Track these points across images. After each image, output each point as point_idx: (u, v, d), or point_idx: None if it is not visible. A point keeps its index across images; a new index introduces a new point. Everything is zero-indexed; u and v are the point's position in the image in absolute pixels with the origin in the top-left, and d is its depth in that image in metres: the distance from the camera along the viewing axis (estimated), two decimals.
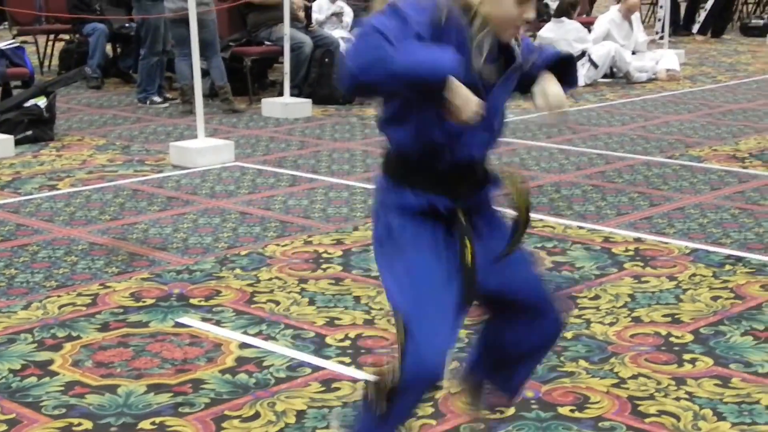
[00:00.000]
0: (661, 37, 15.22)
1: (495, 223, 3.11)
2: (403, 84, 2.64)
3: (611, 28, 13.82)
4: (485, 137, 2.96)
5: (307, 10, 12.86)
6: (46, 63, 14.79)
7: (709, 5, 17.58)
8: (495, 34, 2.85)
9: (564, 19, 14.04)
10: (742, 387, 4.72)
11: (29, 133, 10.05)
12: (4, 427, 4.41)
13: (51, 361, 5.06)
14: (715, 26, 18.07)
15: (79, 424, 4.41)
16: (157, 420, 4.44)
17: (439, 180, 2.90)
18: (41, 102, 10.32)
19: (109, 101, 12.51)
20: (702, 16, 17.63)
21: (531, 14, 2.87)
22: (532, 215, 3.11)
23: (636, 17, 14.19)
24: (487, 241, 3.02)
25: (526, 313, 3.16)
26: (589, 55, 13.62)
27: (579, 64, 13.53)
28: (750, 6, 18.77)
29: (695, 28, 17.66)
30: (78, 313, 5.67)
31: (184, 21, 10.74)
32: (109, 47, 13.72)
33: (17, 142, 9.78)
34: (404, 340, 2.91)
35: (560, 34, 13.73)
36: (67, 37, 14.43)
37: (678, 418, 4.41)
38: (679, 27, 17.08)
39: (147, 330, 5.43)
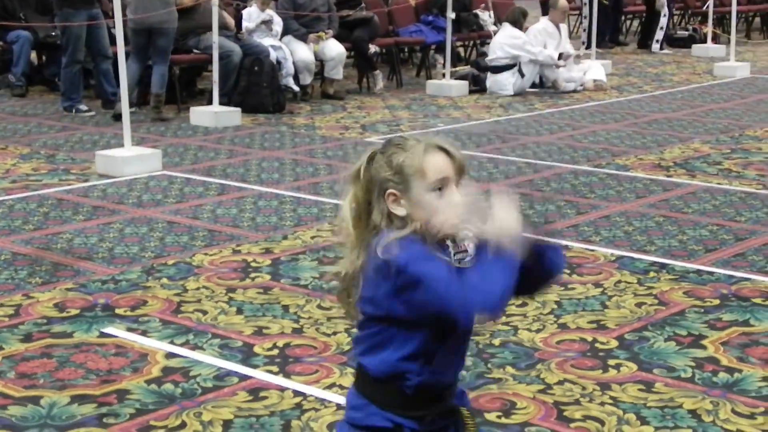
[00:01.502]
0: (588, 47, 15.34)
1: None
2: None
3: (545, 38, 13.92)
4: (457, 361, 2.80)
5: (237, 17, 12.85)
6: None
7: (663, 23, 17.73)
8: (448, 236, 2.63)
9: (505, 24, 14.17)
10: (665, 391, 4.78)
11: None
12: None
13: None
14: (642, 36, 18.24)
15: None
16: (82, 431, 4.44)
17: (409, 404, 2.73)
18: None
19: (34, 109, 12.41)
20: (660, 34, 17.76)
21: (457, 197, 2.60)
22: None
23: (564, 27, 14.29)
24: None
25: None
26: (519, 64, 13.73)
27: (509, 73, 13.67)
28: (675, 18, 18.93)
29: (654, 45, 17.76)
30: (0, 324, 5.63)
31: (148, 31, 10.83)
32: (34, 55, 13.59)
33: None
34: None
35: (506, 39, 13.86)
36: None
37: (602, 423, 4.47)
38: (605, 39, 17.19)
39: (71, 341, 5.40)
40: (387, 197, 2.61)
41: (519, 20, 14.24)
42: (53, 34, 12.97)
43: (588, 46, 15.45)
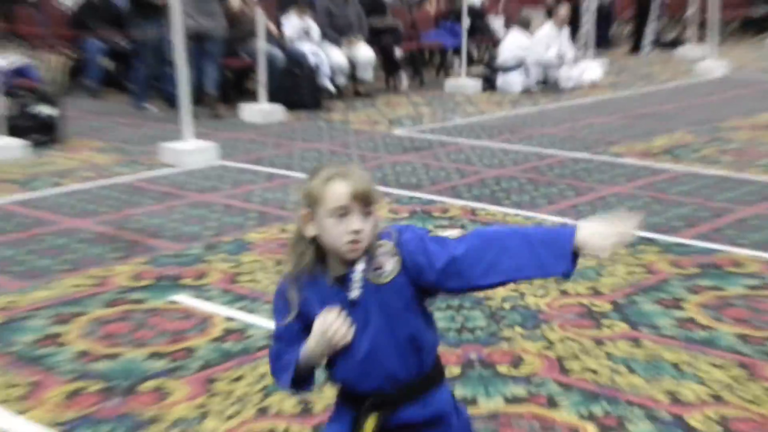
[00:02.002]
0: (584, 55, 15.30)
1: None
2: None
3: (547, 41, 13.90)
4: (378, 376, 2.61)
5: (279, 26, 12.86)
6: (53, 76, 14.71)
7: (652, 28, 17.64)
8: (345, 259, 2.55)
9: (513, 30, 14.17)
10: (651, 347, 4.84)
11: (39, 137, 10.06)
12: (26, 390, 4.49)
13: (63, 333, 5.13)
14: (635, 41, 18.17)
15: (90, 387, 4.50)
16: (156, 382, 4.54)
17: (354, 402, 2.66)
18: (49, 110, 10.34)
19: (107, 108, 12.50)
20: (648, 37, 17.68)
21: (356, 225, 2.49)
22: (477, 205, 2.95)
23: (565, 31, 14.25)
24: None
25: None
26: (525, 65, 13.73)
27: (517, 73, 13.68)
28: (662, 23, 18.85)
29: (644, 47, 17.67)
30: (86, 292, 5.74)
31: (198, 37, 10.90)
32: (106, 61, 13.66)
33: (30, 146, 9.79)
34: None
35: (514, 43, 13.90)
36: (69, 52, 14.35)
37: (597, 373, 4.54)
38: (602, 41, 17.14)
39: (145, 306, 5.50)
40: (301, 219, 2.59)
41: (525, 26, 14.22)
42: (122, 42, 13.04)
43: (585, 49, 15.41)
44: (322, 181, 2.53)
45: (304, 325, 2.57)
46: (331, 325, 2.48)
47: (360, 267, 2.52)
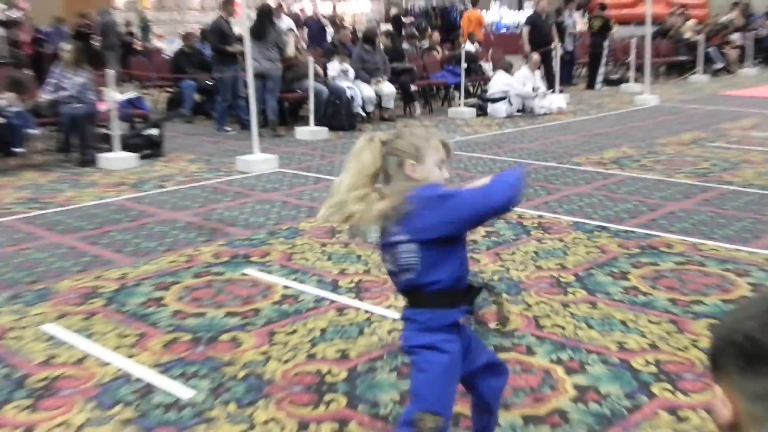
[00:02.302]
0: (553, 90, 15.23)
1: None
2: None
3: (524, 79, 13.88)
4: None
5: (325, 69, 12.88)
6: (157, 107, 14.79)
7: (602, 70, 17.60)
8: None
9: (499, 71, 14.14)
10: (604, 308, 4.81)
11: (147, 151, 10.10)
12: (134, 339, 4.47)
13: (163, 297, 5.13)
14: (590, 79, 18.11)
15: (182, 337, 4.50)
16: (231, 334, 4.53)
17: (466, 296, 2.72)
18: (154, 131, 10.37)
19: (197, 131, 12.51)
20: (600, 77, 17.63)
21: (447, 173, 2.72)
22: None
23: (537, 72, 14.23)
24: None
25: (490, 370, 2.97)
26: (509, 97, 13.69)
27: (502, 103, 13.63)
28: (610, 66, 18.77)
29: (596, 84, 17.62)
30: (180, 267, 5.73)
31: (262, 76, 10.91)
32: (196, 95, 13.71)
33: (140, 158, 9.83)
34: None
35: (500, 81, 13.85)
36: (169, 89, 14.42)
37: (564, 329, 4.50)
38: (565, 79, 17.05)
39: (223, 277, 5.50)
40: (407, 166, 2.65)
41: (508, 68, 14.20)
42: (207, 81, 13.09)
43: (553, 85, 15.33)
44: (429, 140, 2.68)
45: None
46: None
47: None
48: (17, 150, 9.44)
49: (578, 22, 19.44)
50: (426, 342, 2.65)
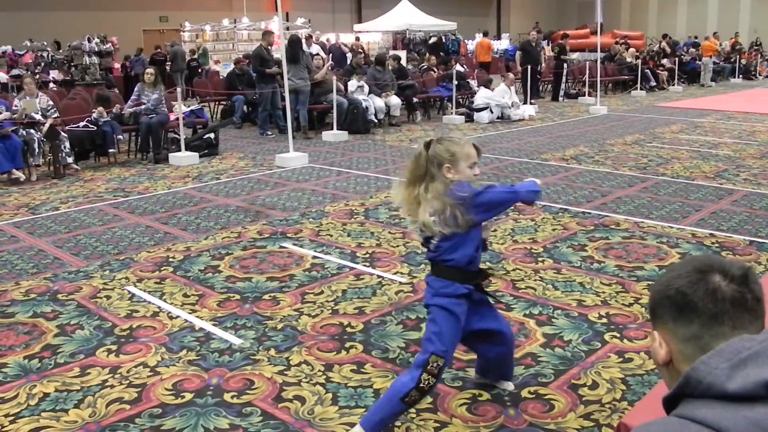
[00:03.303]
0: (526, 98, 15.09)
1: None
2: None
3: (503, 93, 13.74)
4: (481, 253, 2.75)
5: (345, 85, 12.77)
6: (214, 116, 14.74)
7: (563, 86, 17.37)
8: None
9: (482, 87, 14.01)
10: (567, 273, 4.74)
11: (206, 151, 10.02)
12: (196, 299, 4.42)
13: (218, 265, 5.07)
14: (554, 93, 17.89)
15: (233, 297, 4.44)
16: (272, 294, 4.47)
17: (471, 276, 2.70)
18: (212, 135, 10.30)
19: (245, 135, 12.42)
20: (562, 91, 17.39)
21: (477, 171, 2.65)
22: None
23: (512, 87, 14.10)
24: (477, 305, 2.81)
25: (497, 334, 2.92)
26: (490, 107, 13.56)
27: (485, 112, 13.51)
28: (570, 83, 18.51)
29: (559, 97, 17.37)
30: (231, 241, 5.67)
31: (295, 91, 10.81)
32: (245, 107, 13.63)
33: (200, 157, 9.73)
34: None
35: (483, 95, 13.72)
36: (224, 102, 14.34)
37: (535, 289, 4.43)
38: (535, 93, 16.84)
39: (265, 250, 5.43)
40: (444, 168, 2.60)
41: (488, 84, 14.08)
42: (253, 96, 13.00)
43: (535, 97, 15.16)
44: (465, 146, 2.63)
45: None
46: None
47: None
48: (110, 151, 9.44)
49: (545, 49, 19.29)
50: (439, 303, 2.69)
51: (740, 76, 24.25)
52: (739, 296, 1.21)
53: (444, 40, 25.71)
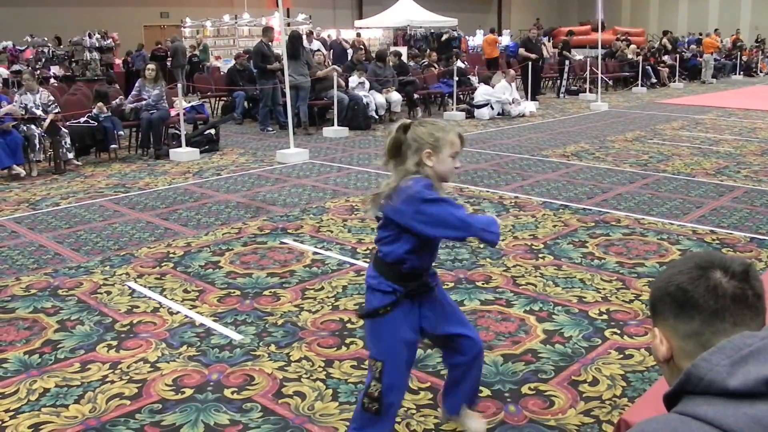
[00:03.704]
0: (527, 95, 15.08)
1: (435, 301, 2.53)
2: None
3: (504, 89, 13.72)
4: (432, 256, 2.49)
5: (346, 81, 12.75)
6: (215, 112, 14.71)
7: (565, 83, 17.30)
8: (445, 181, 2.42)
9: (482, 83, 13.98)
10: (568, 270, 4.72)
11: (207, 147, 10.00)
12: (196, 294, 4.42)
13: (219, 261, 5.06)
14: (557, 90, 17.85)
15: (233, 293, 4.44)
16: (272, 290, 4.46)
17: (404, 278, 2.43)
18: (213, 131, 10.28)
19: (246, 130, 12.41)
20: (563, 87, 17.32)
21: (458, 163, 2.39)
22: None
23: (513, 84, 14.07)
24: (433, 310, 2.51)
25: (455, 346, 2.64)
26: (491, 103, 13.54)
27: (486, 108, 13.49)
28: (571, 79, 18.47)
29: (561, 93, 17.29)
30: (231, 237, 5.66)
31: (296, 87, 10.78)
32: (246, 103, 13.62)
33: (201, 152, 9.72)
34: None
35: (483, 91, 13.70)
36: (225, 98, 14.33)
37: (536, 286, 4.42)
38: (537, 89, 16.81)
39: (266, 245, 5.42)
40: (423, 153, 2.35)
41: (487, 81, 14.06)
42: (254, 91, 12.97)
43: (527, 94, 15.16)
44: (449, 133, 2.37)
45: None
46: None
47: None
48: (111, 146, 9.43)
49: (546, 45, 19.25)
50: (373, 308, 2.46)
51: (741, 73, 24.24)
52: (740, 293, 1.20)
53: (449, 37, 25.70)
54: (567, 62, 17.36)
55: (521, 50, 16.19)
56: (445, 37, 24.38)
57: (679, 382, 1.17)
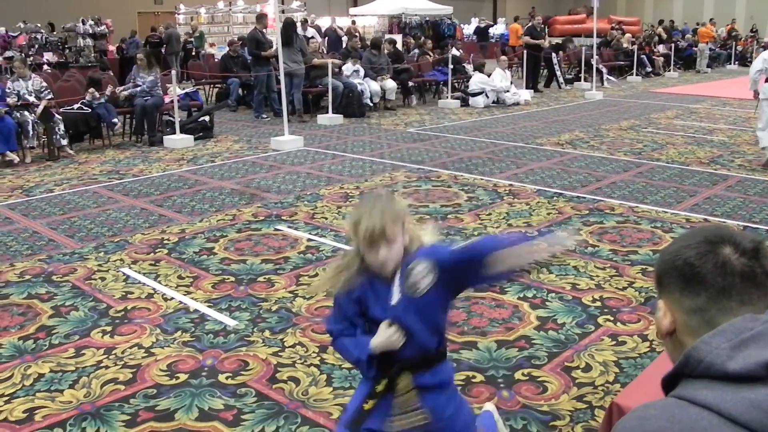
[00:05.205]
0: (526, 86, 15.05)
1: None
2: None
3: (500, 77, 13.69)
4: (412, 349, 1.99)
5: (340, 68, 12.70)
6: (209, 99, 14.66)
7: (559, 71, 17.20)
8: (382, 275, 1.97)
9: (477, 71, 13.94)
10: (562, 257, 4.73)
11: (201, 134, 9.97)
12: (190, 280, 4.42)
13: (213, 248, 5.06)
14: (548, 80, 17.81)
15: (228, 279, 4.44)
16: (267, 276, 4.46)
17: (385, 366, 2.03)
18: (206, 118, 10.24)
19: (240, 117, 12.37)
20: (561, 78, 17.23)
21: (380, 256, 1.92)
22: None
23: (507, 71, 14.03)
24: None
25: None
26: (485, 91, 13.52)
27: (481, 96, 13.46)
28: (566, 68, 18.44)
29: (560, 83, 17.20)
30: (226, 224, 5.66)
31: (290, 75, 10.74)
32: (240, 90, 13.57)
33: (195, 139, 9.68)
34: None
35: (478, 79, 13.66)
36: (219, 85, 14.27)
37: (529, 273, 4.42)
38: (535, 79, 16.74)
39: (260, 232, 5.42)
40: (351, 242, 2.04)
41: (481, 68, 14.04)
42: (248, 79, 12.92)
43: (527, 83, 15.13)
44: (354, 222, 1.95)
45: (360, 310, 2.03)
46: (392, 336, 1.95)
47: (396, 280, 1.97)
48: (113, 121, 9.38)
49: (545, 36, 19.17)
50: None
51: (736, 62, 24.27)
52: (749, 270, 1.17)
53: (438, 24, 25.59)
54: (554, 54, 17.09)
55: (526, 38, 16.12)
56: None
57: (677, 365, 1.16)
